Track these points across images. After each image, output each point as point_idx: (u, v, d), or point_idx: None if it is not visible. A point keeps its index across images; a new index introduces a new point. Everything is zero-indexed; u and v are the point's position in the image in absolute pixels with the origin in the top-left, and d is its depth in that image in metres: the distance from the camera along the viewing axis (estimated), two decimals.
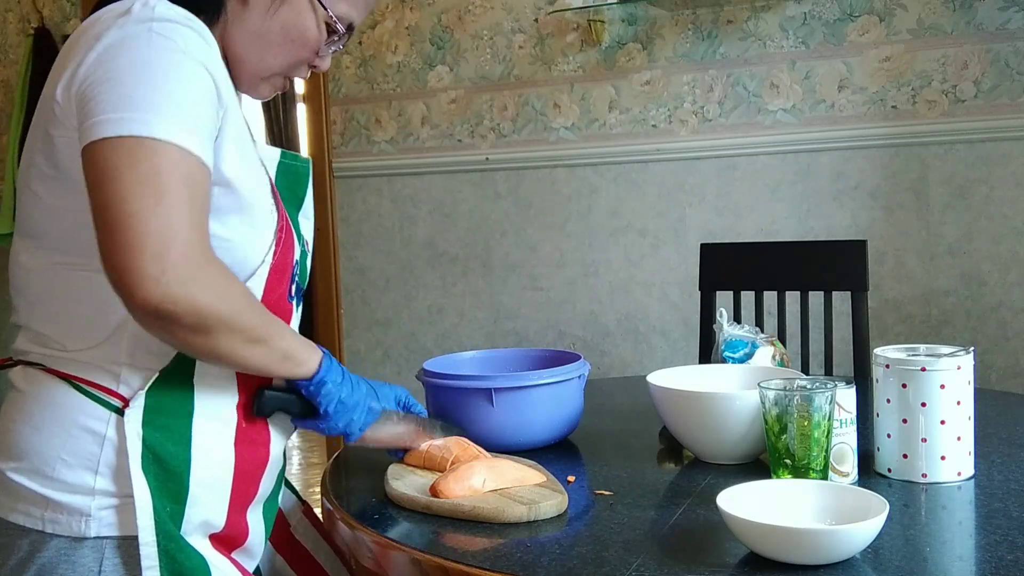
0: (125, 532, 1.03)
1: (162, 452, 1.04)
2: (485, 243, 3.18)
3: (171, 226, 0.94)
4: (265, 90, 1.19)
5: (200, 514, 1.07)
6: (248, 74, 1.16)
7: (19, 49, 3.92)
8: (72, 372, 1.06)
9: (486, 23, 3.12)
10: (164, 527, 1.02)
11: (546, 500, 1.14)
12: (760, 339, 1.58)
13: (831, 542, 0.94)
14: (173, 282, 0.93)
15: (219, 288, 0.98)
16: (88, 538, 1.03)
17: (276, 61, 1.16)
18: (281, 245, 1.12)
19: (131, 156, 0.95)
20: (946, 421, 1.20)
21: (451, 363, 1.57)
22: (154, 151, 0.96)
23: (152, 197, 0.94)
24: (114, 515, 1.04)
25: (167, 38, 1.00)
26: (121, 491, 1.03)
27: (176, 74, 0.99)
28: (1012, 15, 2.48)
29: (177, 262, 0.94)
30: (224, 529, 1.11)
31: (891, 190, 2.64)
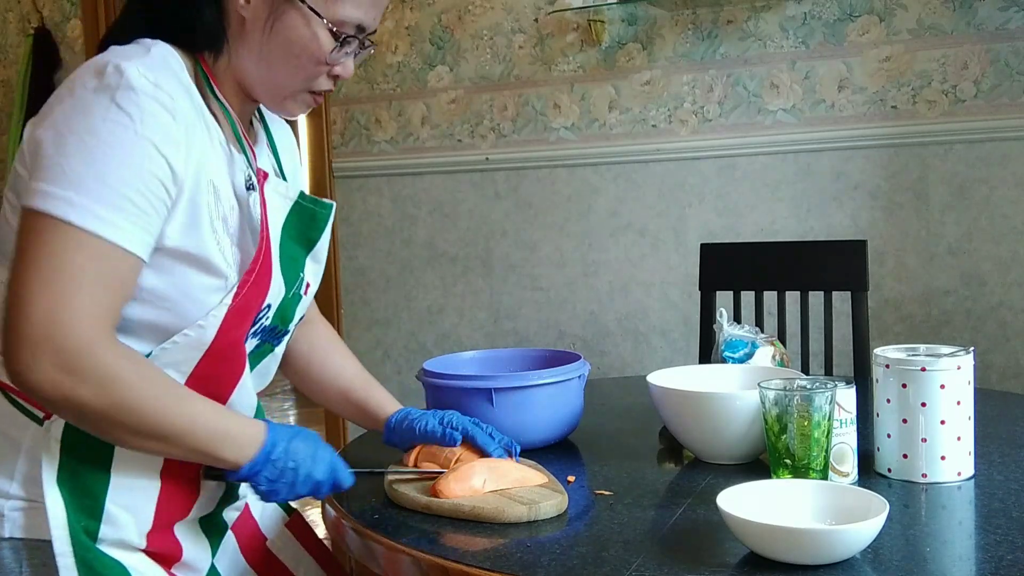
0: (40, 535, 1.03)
1: (79, 469, 1.05)
2: (485, 243, 3.18)
3: (55, 317, 0.94)
4: (293, 108, 1.16)
5: (116, 533, 1.07)
6: (267, 96, 1.15)
7: (19, 49, 3.92)
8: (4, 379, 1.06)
9: (486, 23, 3.12)
10: (78, 538, 1.03)
11: (546, 500, 1.14)
12: (760, 339, 1.58)
13: (831, 542, 0.94)
14: (46, 371, 0.94)
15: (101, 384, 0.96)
16: (5, 538, 1.05)
17: (288, 78, 1.12)
18: (245, 289, 1.08)
19: (41, 236, 0.95)
20: (946, 421, 1.20)
21: (451, 363, 1.57)
22: (65, 236, 0.95)
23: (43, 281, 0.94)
24: (28, 518, 1.04)
25: (124, 112, 0.98)
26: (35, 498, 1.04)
27: (120, 154, 0.97)
28: (1012, 15, 2.48)
29: (57, 353, 0.94)
30: (149, 547, 1.10)
31: (891, 190, 2.64)
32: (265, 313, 1.14)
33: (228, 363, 1.11)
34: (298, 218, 1.19)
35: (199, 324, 1.05)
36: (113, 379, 0.97)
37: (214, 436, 1.04)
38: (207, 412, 1.05)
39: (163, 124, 1.00)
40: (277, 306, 1.16)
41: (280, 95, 1.14)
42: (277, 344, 1.24)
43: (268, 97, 1.15)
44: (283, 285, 1.16)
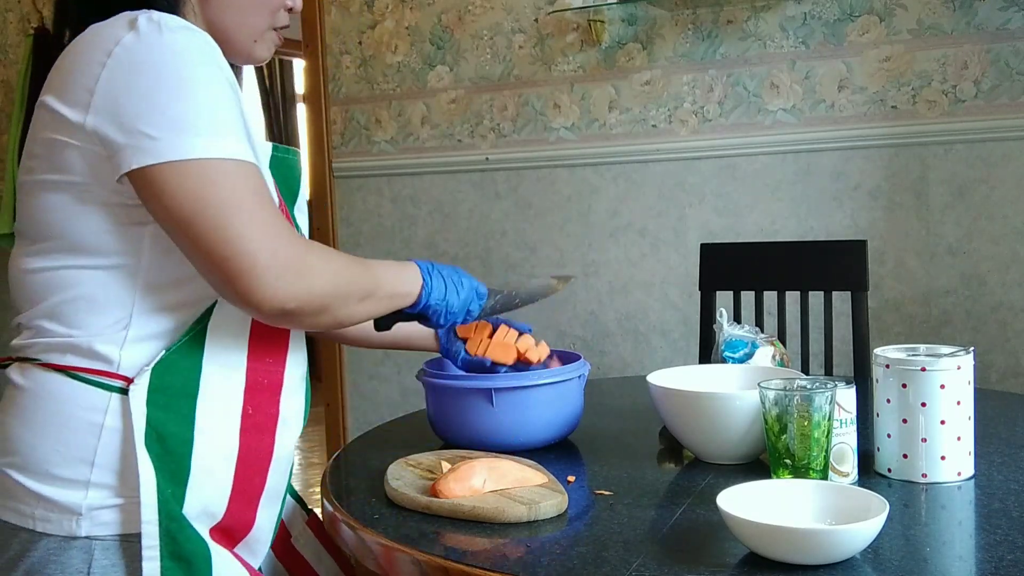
0: (117, 531, 1.03)
1: (164, 432, 1.04)
2: (485, 243, 3.18)
3: (267, 235, 1.01)
4: (261, 51, 1.21)
5: (200, 499, 1.07)
6: (240, 43, 1.18)
7: (19, 49, 3.92)
8: (69, 363, 1.05)
9: (486, 23, 3.12)
10: (167, 506, 1.02)
11: (546, 500, 1.14)
12: (760, 339, 1.58)
13: (831, 542, 0.94)
14: (290, 285, 1.01)
15: (328, 269, 1.07)
16: (78, 538, 1.03)
17: (260, 18, 1.17)
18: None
19: (204, 180, 0.99)
20: (946, 421, 1.20)
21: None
22: (222, 172, 1.00)
23: (245, 214, 1.00)
24: (105, 514, 1.03)
25: (183, 50, 1.02)
26: (118, 486, 1.03)
27: (206, 86, 1.02)
28: (1012, 15, 2.48)
29: (286, 265, 1.01)
30: (224, 519, 1.10)
31: (891, 190, 2.64)
32: None
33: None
34: (277, 171, 1.21)
35: None
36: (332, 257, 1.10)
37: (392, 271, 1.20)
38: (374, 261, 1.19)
39: (215, 51, 1.05)
40: None
41: (250, 38, 1.18)
42: None
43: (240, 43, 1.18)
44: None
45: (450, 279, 1.26)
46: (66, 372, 1.05)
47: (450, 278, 1.27)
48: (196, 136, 0.99)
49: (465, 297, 1.28)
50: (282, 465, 1.18)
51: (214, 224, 0.99)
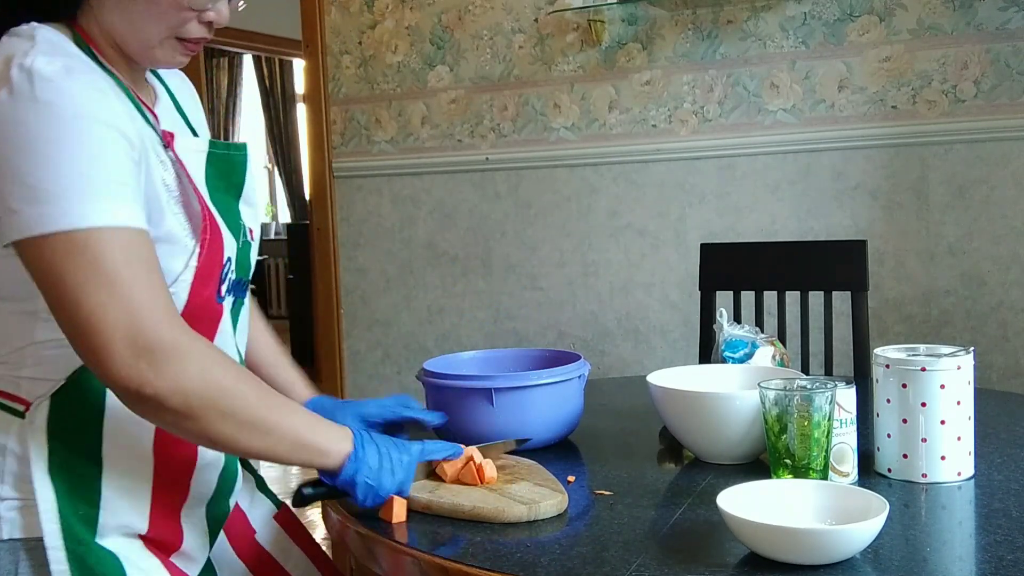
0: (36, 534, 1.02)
1: (68, 458, 1.03)
2: (485, 243, 3.18)
3: (132, 314, 0.93)
4: (162, 57, 1.11)
5: (116, 517, 1.06)
6: (136, 49, 1.10)
7: None
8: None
9: (486, 23, 3.12)
10: (72, 530, 1.01)
11: (546, 500, 1.14)
12: (760, 339, 1.58)
13: (831, 542, 0.94)
14: (147, 370, 0.93)
15: (199, 368, 0.96)
16: (2, 540, 1.03)
17: (154, 27, 1.08)
18: (205, 248, 1.08)
19: (66, 253, 0.93)
20: (946, 421, 1.20)
21: (451, 363, 1.57)
22: (86, 242, 0.93)
23: (104, 290, 0.93)
24: (22, 517, 1.03)
25: (57, 105, 0.95)
26: (28, 496, 1.03)
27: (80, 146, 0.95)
28: (1012, 15, 2.48)
29: (148, 349, 0.93)
30: (150, 532, 1.09)
31: (891, 190, 2.64)
32: (228, 267, 1.13)
33: (204, 324, 1.09)
34: (215, 167, 1.16)
35: (171, 291, 1.03)
36: (210, 361, 0.98)
37: (312, 424, 1.05)
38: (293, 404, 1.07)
39: (98, 101, 0.98)
40: (236, 258, 1.15)
41: (148, 44, 1.09)
42: (244, 296, 1.22)
43: (136, 49, 1.10)
44: (232, 236, 1.14)
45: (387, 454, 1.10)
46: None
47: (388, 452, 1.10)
48: (55, 206, 0.92)
49: (401, 479, 1.11)
50: (209, 472, 1.16)
51: (71, 298, 0.93)
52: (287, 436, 1.03)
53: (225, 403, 0.98)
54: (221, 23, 1.12)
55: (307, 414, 1.08)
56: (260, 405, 1.01)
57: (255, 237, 1.23)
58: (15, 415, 1.05)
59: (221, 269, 1.11)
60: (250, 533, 1.31)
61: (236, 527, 1.28)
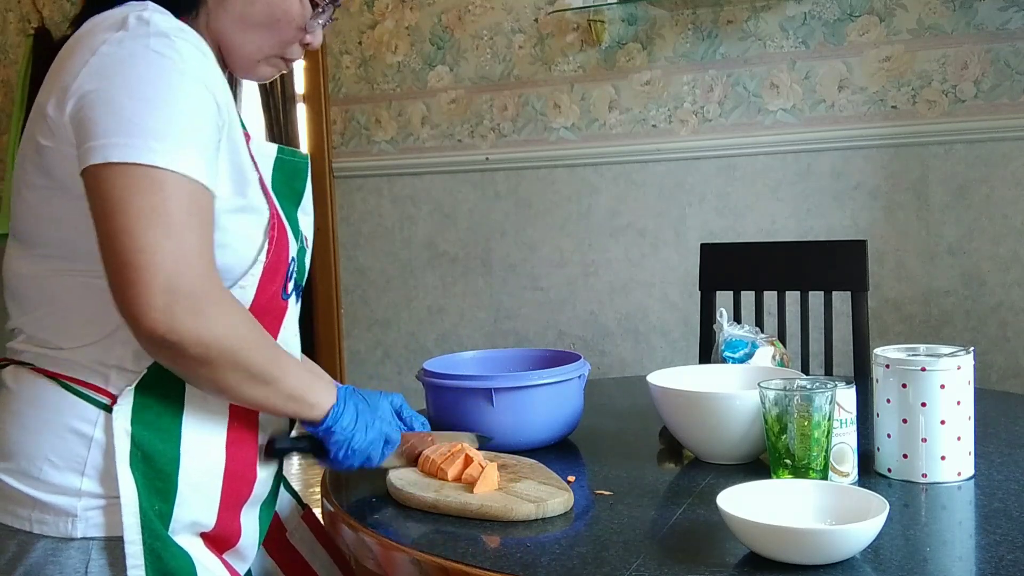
0: (111, 533, 1.03)
1: (150, 450, 1.04)
2: (485, 243, 3.18)
3: (180, 259, 0.96)
4: (263, 72, 1.19)
5: (189, 514, 1.07)
6: (242, 60, 1.16)
7: (19, 49, 3.92)
8: (62, 371, 1.06)
9: (486, 23, 3.12)
10: (151, 525, 1.02)
11: (553, 498, 1.14)
12: (760, 339, 1.58)
13: (831, 542, 0.94)
14: (180, 315, 0.95)
15: (226, 322, 0.99)
16: (75, 539, 1.03)
17: (266, 43, 1.15)
18: (274, 244, 1.11)
19: (138, 186, 0.95)
20: (946, 421, 1.20)
21: (451, 363, 1.57)
22: (160, 181, 0.96)
23: (160, 229, 0.95)
24: (100, 515, 1.03)
25: (165, 56, 0.99)
26: (107, 492, 1.03)
27: (177, 95, 0.99)
28: (1012, 15, 2.48)
29: (186, 295, 0.95)
30: (214, 529, 1.10)
31: (891, 190, 2.64)
32: (293, 266, 1.16)
33: (269, 319, 1.12)
34: (281, 172, 1.19)
35: (240, 285, 1.07)
36: (239, 317, 1.01)
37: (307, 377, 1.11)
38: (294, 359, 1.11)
39: (201, 63, 1.02)
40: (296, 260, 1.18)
41: (254, 59, 1.16)
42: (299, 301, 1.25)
43: (242, 61, 1.16)
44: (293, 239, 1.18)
45: (364, 414, 1.16)
46: (59, 381, 1.06)
47: (364, 413, 1.16)
48: (144, 141, 0.96)
49: (371, 439, 1.16)
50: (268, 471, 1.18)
51: (127, 229, 0.95)
52: (284, 389, 1.07)
53: (240, 357, 1.01)
54: (315, 46, 1.20)
55: (305, 371, 1.12)
56: (268, 360, 1.05)
57: (309, 245, 1.26)
58: (101, 408, 1.05)
59: (287, 267, 1.15)
60: (283, 531, 1.32)
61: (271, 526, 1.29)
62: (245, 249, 1.07)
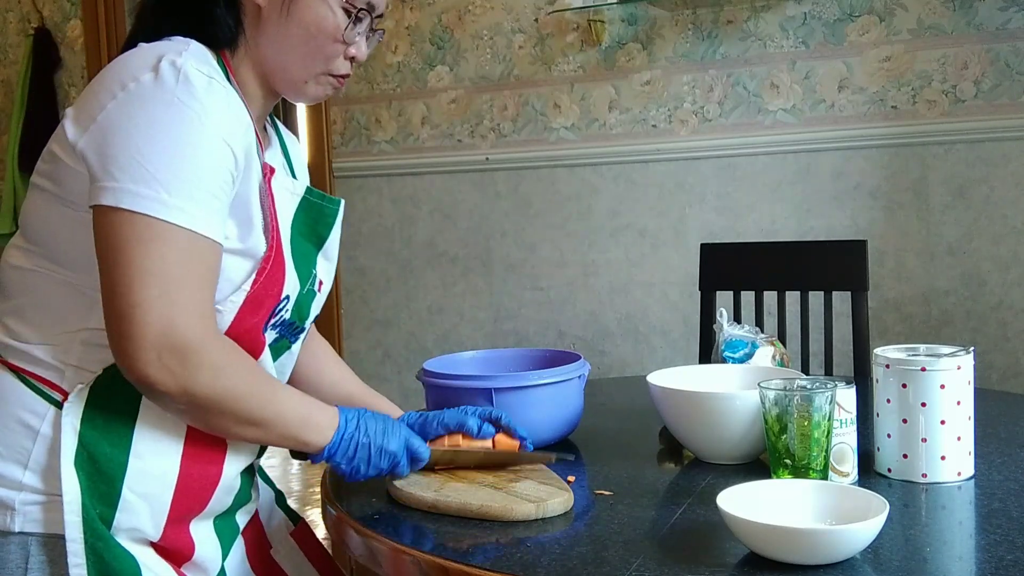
0: (50, 530, 1.03)
1: (96, 452, 1.04)
2: (485, 243, 3.18)
3: (173, 316, 0.99)
4: (314, 92, 1.20)
5: (131, 521, 1.06)
6: (289, 83, 1.18)
7: (19, 49, 3.92)
8: (20, 364, 1.08)
9: (486, 23, 3.12)
10: (92, 525, 1.02)
11: (553, 498, 1.14)
12: (760, 339, 1.58)
13: (831, 542, 0.94)
14: (167, 368, 0.99)
15: (215, 373, 1.02)
16: (13, 533, 1.04)
17: (310, 61, 1.16)
18: (263, 276, 1.11)
19: (140, 237, 0.99)
20: (946, 421, 1.20)
21: (451, 363, 1.57)
22: (165, 236, 0.99)
23: (156, 287, 0.98)
24: (39, 512, 1.04)
25: (188, 107, 1.01)
26: (48, 489, 1.04)
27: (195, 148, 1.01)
28: (1012, 15, 2.48)
29: (174, 350, 0.99)
30: (161, 541, 1.09)
31: (891, 190, 2.64)
32: (284, 306, 1.16)
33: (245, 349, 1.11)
34: (306, 214, 1.21)
35: (217, 308, 1.07)
36: (224, 369, 1.03)
37: (299, 421, 1.11)
38: (293, 399, 1.13)
39: (223, 115, 1.04)
40: (295, 300, 1.18)
41: (301, 79, 1.17)
42: (294, 341, 1.26)
43: (289, 83, 1.18)
44: (297, 279, 1.18)
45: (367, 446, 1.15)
46: (15, 372, 1.08)
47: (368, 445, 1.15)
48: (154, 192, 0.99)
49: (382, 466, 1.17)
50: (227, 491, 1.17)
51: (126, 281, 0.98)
52: (276, 429, 1.10)
53: (227, 405, 1.04)
54: (360, 59, 1.20)
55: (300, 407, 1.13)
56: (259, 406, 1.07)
57: (323, 290, 1.27)
58: (52, 403, 1.06)
59: (276, 303, 1.15)
60: (266, 547, 1.31)
61: (254, 540, 1.28)
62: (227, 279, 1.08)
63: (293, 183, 1.20)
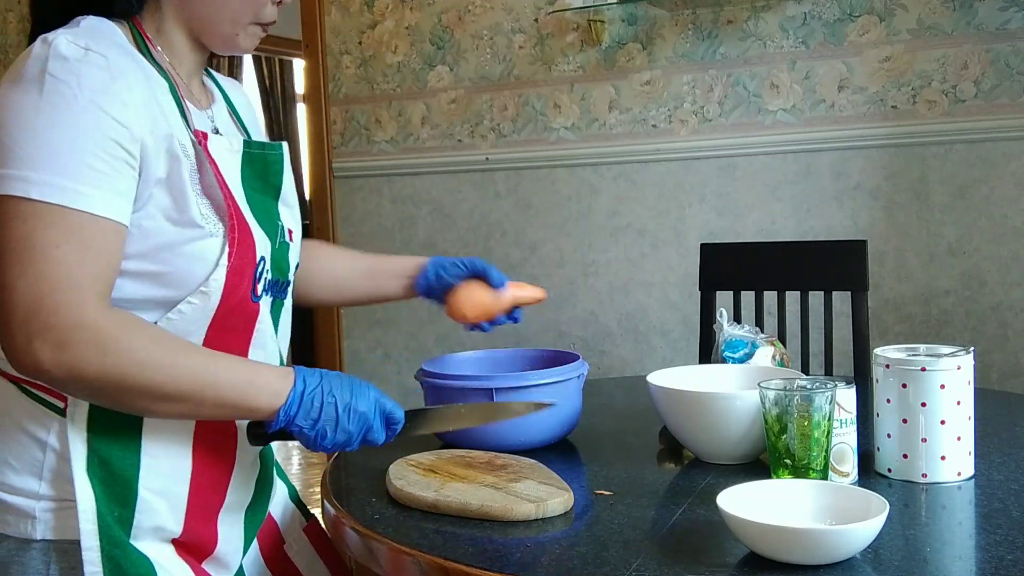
0: (69, 536, 1.03)
1: (108, 456, 1.03)
2: (485, 243, 3.18)
3: (40, 295, 0.93)
4: (244, 42, 1.17)
5: (152, 520, 1.06)
6: (218, 34, 1.14)
7: (19, 49, 3.92)
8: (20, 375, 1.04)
9: (486, 23, 3.12)
10: (108, 532, 1.01)
11: (553, 498, 1.14)
12: (760, 339, 1.58)
13: (831, 542, 0.94)
14: (40, 349, 0.93)
15: (101, 349, 0.95)
16: (36, 540, 1.03)
17: (239, 13, 1.13)
18: (235, 247, 1.07)
19: (6, 219, 0.94)
20: (946, 421, 1.20)
21: (451, 363, 1.57)
22: (29, 213, 0.94)
23: (19, 266, 0.94)
24: (58, 519, 1.03)
25: (61, 81, 0.97)
26: (65, 496, 1.03)
27: (65, 123, 0.96)
28: (1012, 15, 2.48)
29: (45, 330, 0.93)
30: (183, 536, 1.09)
31: (891, 190, 2.64)
32: (263, 267, 1.13)
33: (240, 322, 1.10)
34: (251, 167, 1.16)
35: (202, 291, 1.04)
36: (113, 344, 0.96)
37: (240, 386, 1.02)
38: (229, 364, 1.03)
39: (103, 85, 0.99)
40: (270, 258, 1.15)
41: (232, 32, 1.14)
42: (284, 297, 1.22)
43: (219, 37, 1.15)
44: (266, 237, 1.14)
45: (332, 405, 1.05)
46: (17, 384, 1.06)
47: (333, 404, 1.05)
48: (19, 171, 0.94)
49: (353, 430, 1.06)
50: (246, 478, 1.16)
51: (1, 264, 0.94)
52: (207, 399, 1.00)
53: (128, 382, 0.97)
54: (286, 2, 1.18)
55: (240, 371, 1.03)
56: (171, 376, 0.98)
57: (295, 238, 1.23)
58: (55, 411, 1.04)
59: (254, 268, 1.11)
60: (280, 543, 1.31)
61: (268, 536, 1.27)
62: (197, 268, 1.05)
63: (229, 142, 1.14)
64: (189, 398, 1.00)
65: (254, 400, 1.02)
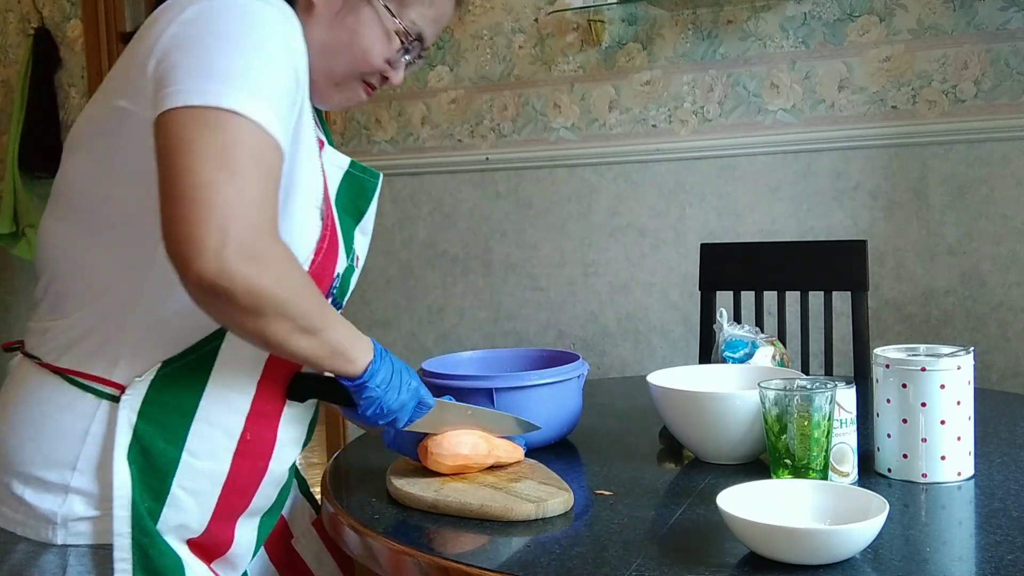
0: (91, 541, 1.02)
1: (150, 447, 1.02)
2: (485, 243, 3.18)
3: (240, 202, 0.91)
4: (337, 99, 1.17)
5: (178, 517, 1.05)
6: (317, 84, 1.13)
7: (19, 49, 3.92)
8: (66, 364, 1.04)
9: (486, 23, 3.12)
10: (140, 522, 1.01)
11: (553, 498, 1.14)
12: (760, 339, 1.58)
13: (831, 542, 0.94)
14: (233, 258, 0.90)
15: (279, 270, 0.95)
16: (54, 545, 1.03)
17: (345, 71, 1.14)
18: (321, 255, 1.08)
19: (207, 127, 0.92)
20: (946, 421, 1.20)
21: (451, 363, 1.57)
22: (231, 123, 0.93)
23: (225, 170, 0.91)
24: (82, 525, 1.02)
25: (255, 12, 0.98)
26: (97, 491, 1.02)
27: (260, 48, 0.96)
28: (1012, 15, 2.48)
29: (241, 238, 0.90)
30: (202, 536, 1.09)
31: (891, 190, 2.64)
32: (336, 283, 1.14)
33: None
34: (348, 188, 1.18)
35: None
36: (292, 266, 0.98)
37: (348, 335, 1.07)
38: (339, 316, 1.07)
39: (288, 29, 1.01)
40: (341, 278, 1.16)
41: (331, 83, 1.15)
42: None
43: (316, 84, 1.13)
44: (345, 256, 1.15)
45: (399, 373, 1.13)
46: (62, 375, 1.04)
47: (399, 372, 1.13)
48: (221, 85, 0.93)
49: (404, 399, 1.13)
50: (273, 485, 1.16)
51: (191, 165, 0.90)
52: (329, 343, 1.04)
53: (290, 307, 0.97)
54: (395, 83, 1.19)
55: (346, 325, 1.08)
56: (315, 311, 1.01)
57: (359, 265, 1.24)
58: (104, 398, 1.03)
59: (330, 283, 1.12)
60: (288, 537, 1.31)
61: (275, 531, 1.27)
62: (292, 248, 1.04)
63: (339, 157, 1.17)
64: (319, 334, 1.02)
65: (355, 351, 1.08)
